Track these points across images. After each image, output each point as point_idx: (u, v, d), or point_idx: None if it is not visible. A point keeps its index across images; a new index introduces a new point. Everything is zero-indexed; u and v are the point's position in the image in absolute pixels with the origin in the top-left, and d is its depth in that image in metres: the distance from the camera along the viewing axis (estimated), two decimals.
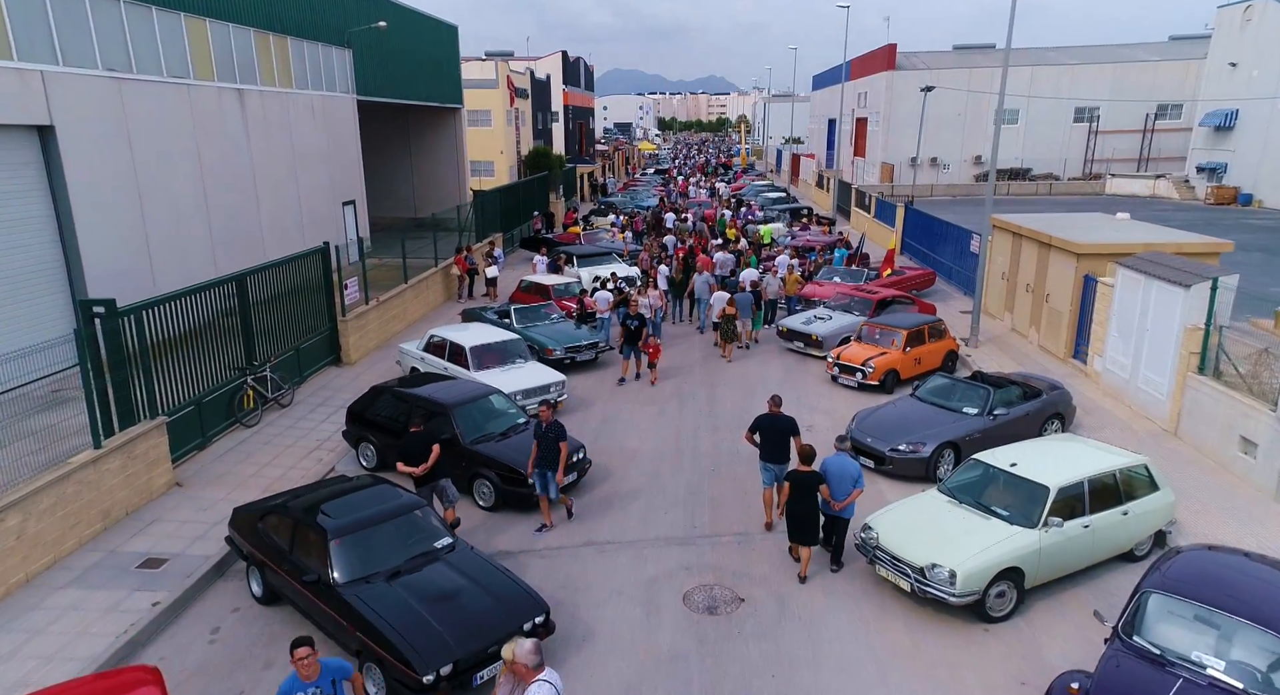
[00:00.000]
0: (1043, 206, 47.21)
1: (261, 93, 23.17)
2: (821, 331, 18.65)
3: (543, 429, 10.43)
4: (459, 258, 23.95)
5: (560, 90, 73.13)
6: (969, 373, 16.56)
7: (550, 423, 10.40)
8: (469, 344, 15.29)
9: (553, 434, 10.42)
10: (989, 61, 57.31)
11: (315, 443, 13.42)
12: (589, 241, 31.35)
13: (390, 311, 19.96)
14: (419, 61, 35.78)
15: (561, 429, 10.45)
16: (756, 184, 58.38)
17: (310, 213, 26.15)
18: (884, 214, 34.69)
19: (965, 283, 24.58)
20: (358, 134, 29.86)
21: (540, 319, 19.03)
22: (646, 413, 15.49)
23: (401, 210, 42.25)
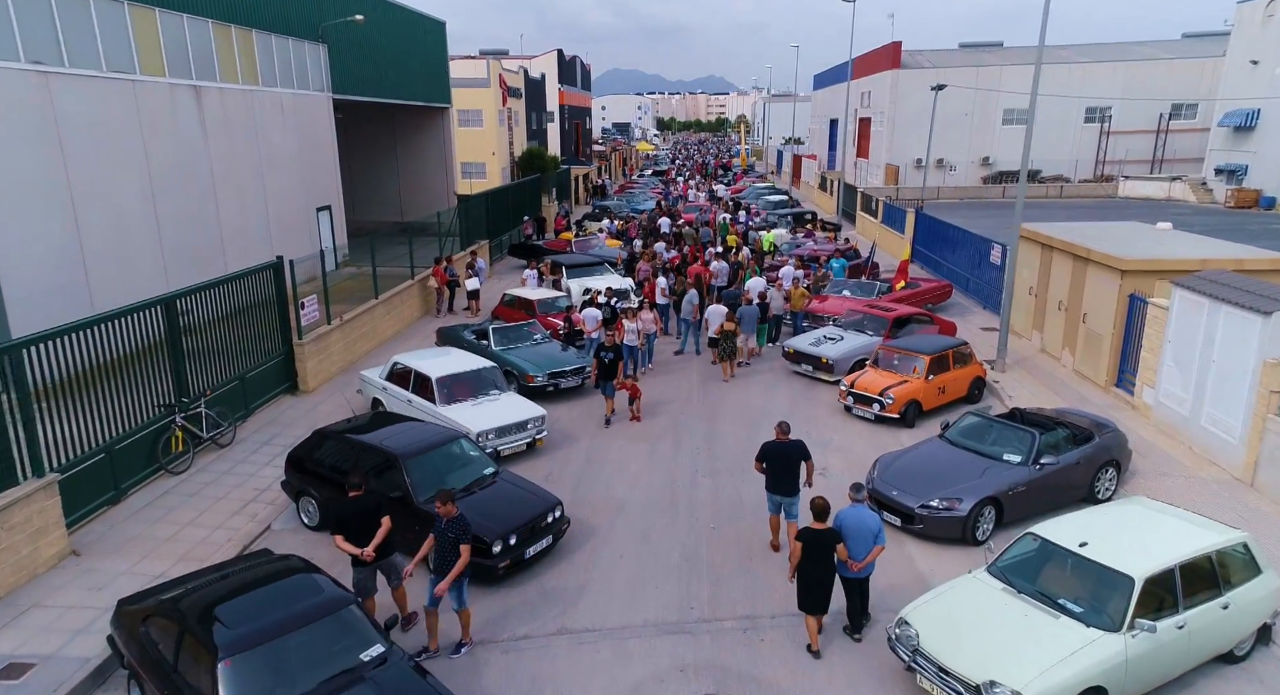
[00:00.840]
0: (1053, 210, 45.48)
1: (222, 90, 21.34)
2: (832, 354, 16.84)
3: (441, 526, 8.08)
4: (438, 269, 22.13)
5: (556, 89, 71.38)
6: (1003, 408, 14.80)
7: (452, 518, 8.06)
8: (435, 374, 13.46)
9: (452, 533, 8.02)
10: (996, 60, 55.59)
11: (253, 492, 11.60)
12: (581, 249, 29.52)
13: (357, 331, 18.14)
14: (403, 58, 33.97)
15: (465, 528, 8.10)
16: (757, 186, 56.55)
17: (279, 219, 24.33)
18: (892, 219, 32.89)
19: (984, 295, 22.80)
20: (334, 134, 28.05)
21: (522, 339, 17.21)
22: (637, 452, 13.67)
23: (388, 214, 40.49)
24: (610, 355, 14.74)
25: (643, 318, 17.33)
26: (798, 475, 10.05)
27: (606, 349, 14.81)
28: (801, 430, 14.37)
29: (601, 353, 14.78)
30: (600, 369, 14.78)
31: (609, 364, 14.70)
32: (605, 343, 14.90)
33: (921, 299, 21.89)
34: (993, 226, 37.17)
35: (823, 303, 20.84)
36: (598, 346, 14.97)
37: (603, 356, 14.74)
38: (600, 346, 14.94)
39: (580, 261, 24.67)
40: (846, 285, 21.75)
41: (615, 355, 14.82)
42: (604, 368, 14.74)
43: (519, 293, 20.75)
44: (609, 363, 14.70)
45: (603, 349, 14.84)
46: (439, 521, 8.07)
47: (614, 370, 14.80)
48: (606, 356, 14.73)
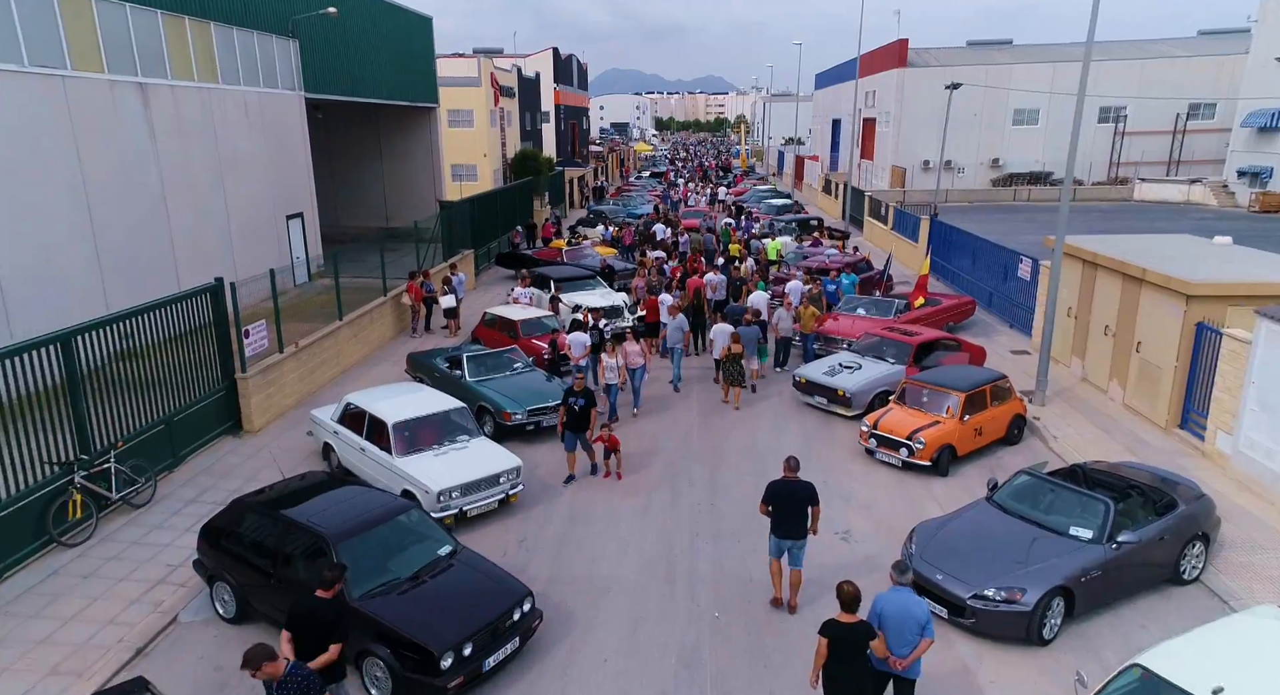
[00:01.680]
0: (1070, 215, 43.52)
1: (174, 88, 19.39)
2: (849, 385, 14.90)
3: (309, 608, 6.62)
4: (412, 284, 20.18)
5: (551, 89, 69.45)
6: (1048, 453, 12.85)
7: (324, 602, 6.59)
8: (392, 419, 11.50)
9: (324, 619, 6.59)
10: (1007, 58, 53.69)
11: (163, 569, 9.65)
12: (572, 258, 27.57)
13: (317, 357, 16.18)
14: (385, 55, 32.02)
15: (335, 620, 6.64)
16: (759, 189, 54.63)
17: (243, 229, 22.38)
18: (904, 226, 30.96)
19: (1009, 312, 20.88)
20: (306, 136, 26.10)
21: (500, 369, 15.27)
22: (628, 507, 11.73)
23: (372, 219, 38.68)
24: (581, 401, 12.21)
25: (627, 350, 15.04)
26: (807, 517, 8.99)
27: (576, 394, 12.28)
28: (817, 478, 12.39)
29: (570, 398, 12.27)
30: (569, 417, 12.27)
31: (579, 412, 12.23)
32: (575, 387, 12.34)
33: (943, 317, 19.97)
34: (1007, 233, 35.25)
35: (836, 323, 18.89)
36: (566, 391, 12.43)
37: (572, 403, 12.24)
38: (569, 391, 12.41)
39: (569, 275, 22.70)
40: (861, 303, 19.80)
41: (587, 402, 12.26)
42: (573, 416, 12.24)
43: (500, 312, 18.80)
44: (579, 411, 12.23)
45: (571, 394, 12.31)
46: None
47: (585, 420, 12.26)
48: (576, 403, 12.22)
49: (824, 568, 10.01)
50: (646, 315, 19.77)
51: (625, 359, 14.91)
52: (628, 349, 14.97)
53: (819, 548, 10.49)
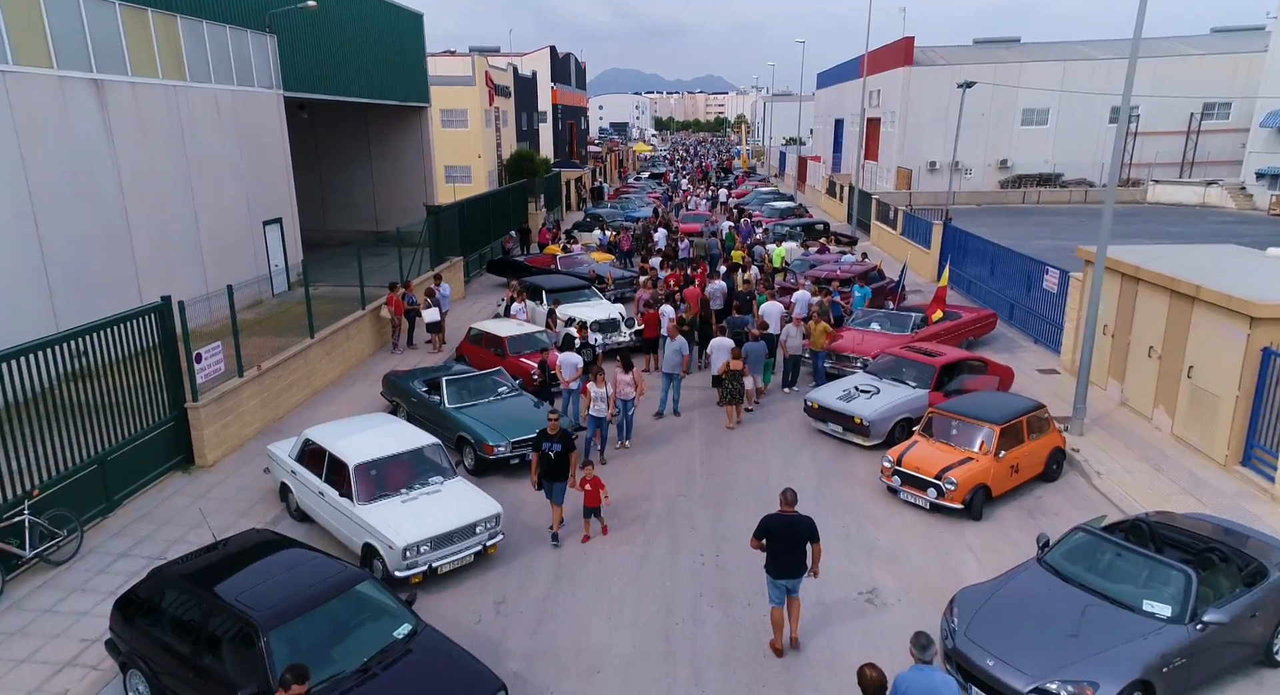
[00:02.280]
0: (1080, 217, 42.21)
1: (135, 86, 17.99)
2: (867, 413, 13.50)
3: None
4: (392, 297, 18.77)
5: (548, 88, 68.11)
6: (1103, 505, 11.41)
7: None
8: (353, 459, 10.10)
9: None
10: (1015, 56, 52.32)
11: (75, 647, 8.25)
12: (567, 266, 26.17)
13: (284, 380, 14.77)
14: (372, 52, 30.63)
15: None
16: (761, 191, 53.22)
17: (214, 237, 20.97)
18: (914, 231, 29.57)
19: (1031, 325, 19.49)
20: (285, 137, 24.70)
21: (484, 393, 13.87)
22: (621, 562, 10.34)
23: (362, 222, 37.36)
24: (557, 447, 10.38)
25: (618, 379, 13.42)
26: (806, 554, 8.26)
27: (551, 438, 10.42)
28: (834, 523, 11.10)
29: (545, 444, 10.41)
30: (543, 467, 10.49)
31: (556, 459, 10.45)
32: (549, 429, 10.52)
33: (963, 332, 18.58)
34: (1021, 238, 33.89)
35: (848, 339, 17.48)
36: (539, 434, 10.59)
37: (546, 449, 10.39)
38: (542, 434, 10.52)
39: (562, 285, 21.30)
40: (875, 317, 18.39)
41: (564, 447, 10.45)
42: (548, 465, 10.45)
43: (487, 327, 17.41)
44: (556, 458, 10.44)
45: (545, 438, 10.45)
46: None
47: (563, 468, 10.51)
48: (551, 449, 10.38)
49: (848, 637, 8.64)
50: (645, 330, 18.41)
51: (614, 389, 13.32)
52: (618, 378, 13.33)
53: (842, 612, 9.12)
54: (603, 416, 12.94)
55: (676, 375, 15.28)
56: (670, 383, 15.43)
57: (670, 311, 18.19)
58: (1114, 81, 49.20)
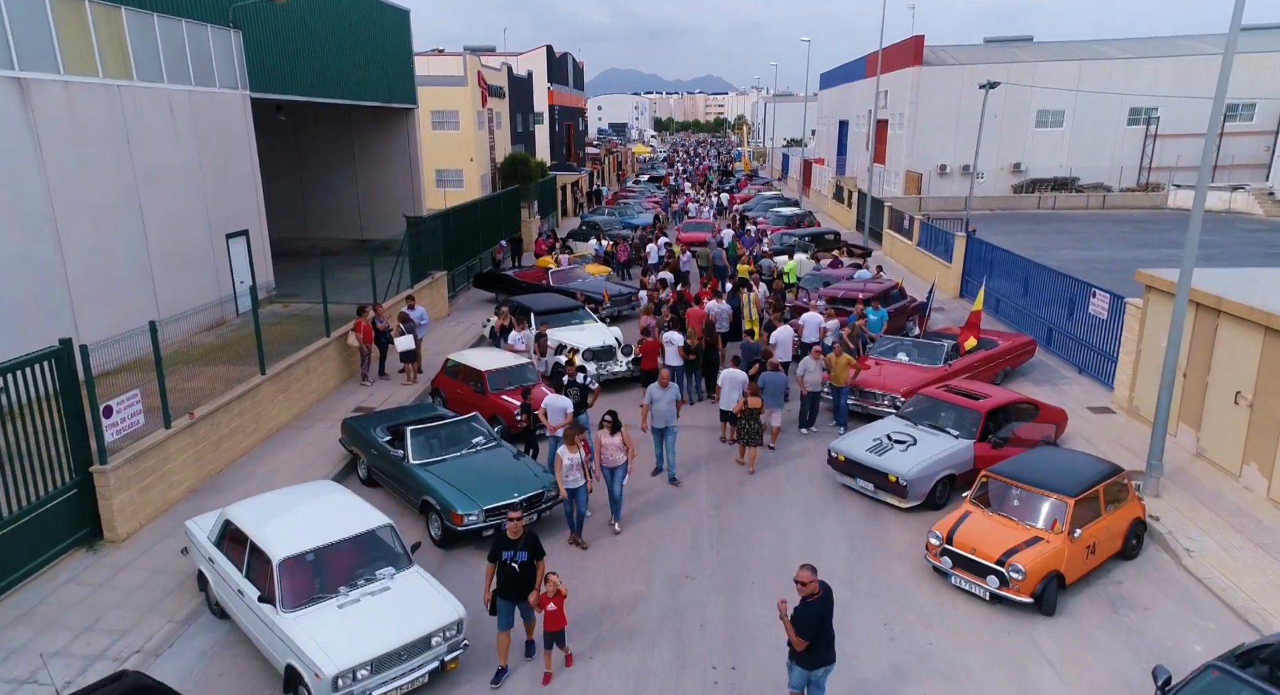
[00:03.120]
0: (1100, 223, 40.26)
1: (69, 85, 15.98)
2: (904, 469, 11.49)
3: None
4: (361, 322, 16.75)
5: (544, 88, 66.11)
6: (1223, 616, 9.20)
7: None
8: (279, 553, 8.06)
9: None
10: (1029, 56, 50.36)
11: None
12: (560, 281, 24.16)
13: (225, 426, 12.75)
14: (353, 51, 28.63)
15: None
16: (765, 195, 51.21)
17: (168, 254, 18.96)
18: (932, 242, 27.56)
19: (1074, 353, 17.48)
20: (252, 141, 22.69)
21: (455, 445, 11.86)
22: (614, 673, 8.31)
23: (346, 230, 35.45)
24: (522, 555, 7.90)
25: (603, 442, 10.95)
26: (831, 637, 7.08)
27: (512, 544, 7.91)
28: (873, 616, 9.12)
29: (503, 551, 7.91)
30: (502, 581, 7.97)
31: (521, 572, 7.93)
32: (509, 532, 7.97)
33: (1000, 362, 16.59)
34: (1041, 248, 31.96)
35: (873, 372, 15.47)
36: (496, 539, 8.05)
37: (507, 559, 7.88)
38: (501, 538, 8.00)
39: (551, 305, 19.27)
40: (902, 346, 16.38)
41: (530, 554, 7.96)
42: (509, 579, 7.93)
43: (465, 359, 15.39)
44: (521, 570, 7.93)
45: (505, 545, 7.92)
46: None
47: (525, 583, 7.96)
48: (515, 559, 7.87)
49: None
50: (643, 360, 16.43)
51: (599, 454, 11.03)
52: (603, 440, 10.97)
53: None
54: (579, 487, 10.61)
55: (673, 428, 12.75)
56: (662, 440, 12.84)
57: (678, 339, 16.21)
58: (1132, 81, 47.30)
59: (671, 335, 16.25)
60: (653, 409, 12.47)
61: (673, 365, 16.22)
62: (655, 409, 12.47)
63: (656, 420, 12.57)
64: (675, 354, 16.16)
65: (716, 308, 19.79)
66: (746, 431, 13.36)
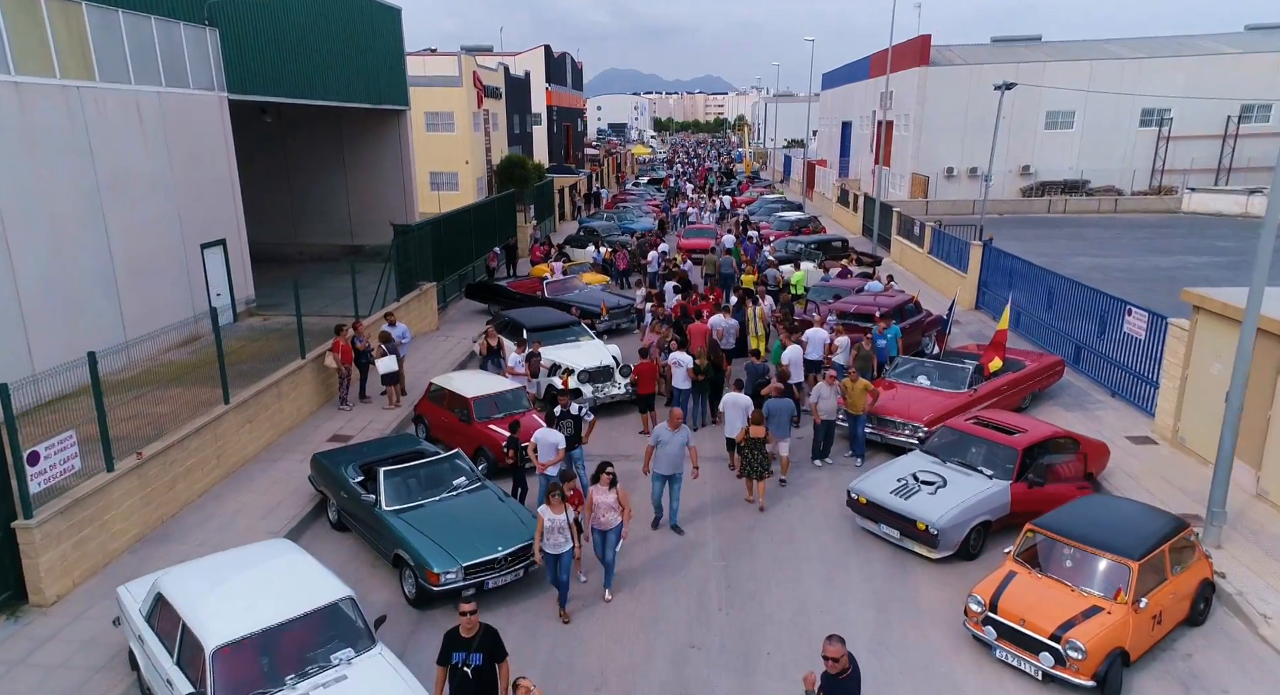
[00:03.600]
0: (1113, 228, 39.06)
1: (19, 86, 14.76)
2: (935, 516, 10.27)
3: None
4: (339, 341, 15.52)
5: (542, 89, 64.95)
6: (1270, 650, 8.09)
7: None
8: (213, 640, 6.82)
9: None
10: (1039, 55, 49.18)
11: None
12: (556, 292, 22.95)
13: (182, 463, 11.53)
14: (341, 50, 27.43)
15: None
16: (767, 198, 50.00)
17: (135, 266, 17.75)
18: (945, 250, 26.34)
19: (1105, 373, 16.25)
20: (229, 145, 21.47)
21: (435, 486, 10.67)
22: None
23: (336, 236, 34.29)
24: (477, 659, 6.52)
25: (595, 501, 9.42)
26: None
27: (462, 642, 6.57)
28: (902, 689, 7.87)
29: (454, 652, 6.56)
30: (454, 687, 6.60)
31: (475, 678, 6.53)
32: (461, 630, 6.59)
33: (1028, 386, 15.37)
34: (1056, 255, 30.71)
35: (890, 396, 14.25)
36: (448, 637, 6.66)
37: (458, 662, 6.53)
38: (451, 637, 6.63)
39: (545, 321, 18.04)
40: (922, 368, 15.15)
41: (488, 657, 6.57)
42: (459, 687, 6.57)
43: (450, 384, 14.17)
44: (475, 677, 6.53)
45: (457, 643, 6.58)
46: None
47: (485, 685, 6.60)
48: (466, 662, 6.52)
49: None
50: (639, 384, 15.23)
51: (591, 515, 9.57)
52: (595, 499, 9.49)
53: None
54: (562, 553, 9.12)
55: (679, 477, 11.26)
56: (663, 487, 11.25)
57: (686, 360, 14.99)
58: (1144, 82, 46.09)
59: (679, 356, 15.04)
60: (658, 452, 11.04)
61: (680, 388, 15.07)
62: (662, 452, 10.99)
63: (662, 466, 11.04)
64: (684, 377, 14.97)
65: (723, 323, 18.63)
66: (751, 463, 12.21)
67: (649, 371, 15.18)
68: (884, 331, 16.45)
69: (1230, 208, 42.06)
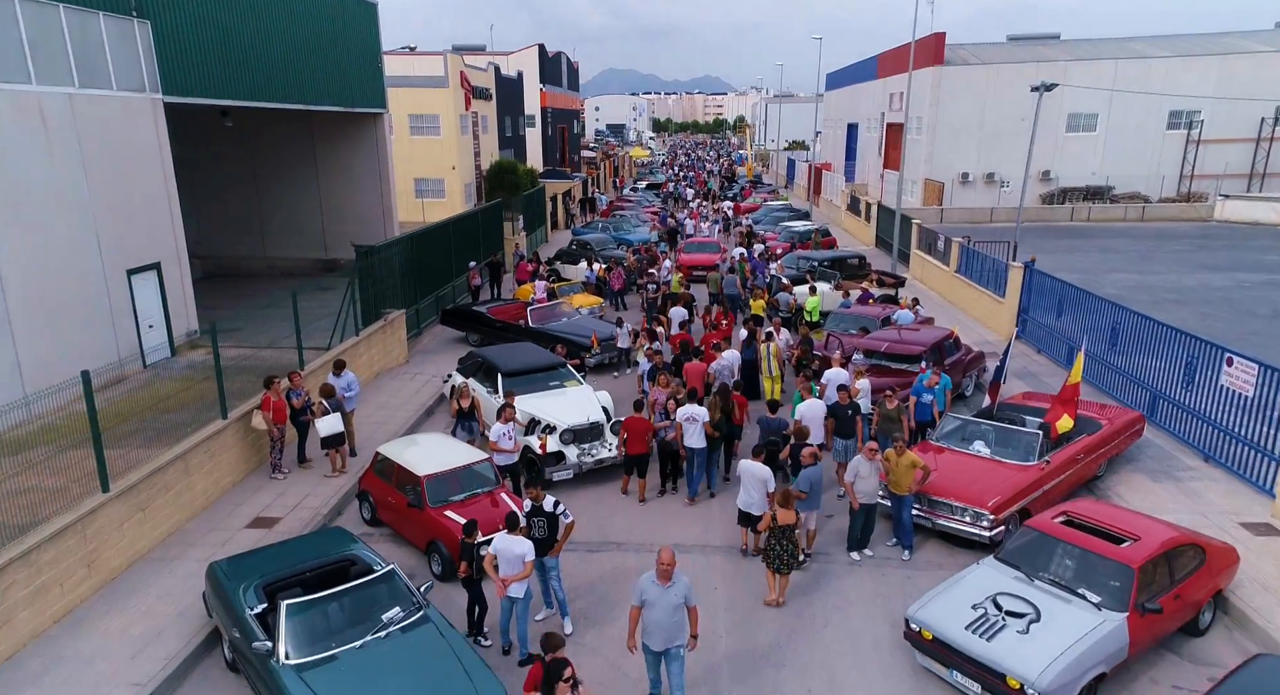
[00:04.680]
0: (1144, 239, 36.37)
1: None
2: (1034, 671, 7.52)
3: None
4: (268, 396, 12.75)
5: (536, 90, 62.28)
6: None
7: None
8: None
9: None
10: (1061, 54, 46.50)
11: None
12: (541, 320, 20.24)
13: (27, 584, 8.77)
14: (308, 48, 24.72)
15: None
16: (772, 205, 47.21)
17: (36, 300, 15.01)
18: (975, 270, 23.61)
19: (1191, 429, 13.48)
20: (166, 155, 18.74)
21: (359, 625, 7.94)
22: None
23: (308, 249, 31.68)
24: None
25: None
26: None
27: None
28: None
29: None
30: None
31: None
32: None
33: (1105, 451, 12.64)
34: (1089, 271, 27.90)
35: (943, 467, 11.52)
36: None
37: None
38: None
39: (523, 365, 15.27)
40: (978, 432, 12.40)
41: None
42: None
43: (398, 455, 11.45)
44: None
45: None
46: None
47: None
48: None
49: None
50: (628, 442, 12.57)
51: None
52: None
53: None
54: None
55: (676, 651, 7.66)
56: (660, 665, 7.86)
57: (701, 414, 12.31)
58: (1171, 82, 43.43)
59: (693, 410, 12.34)
60: (646, 616, 7.67)
61: (694, 447, 12.41)
62: (650, 619, 7.64)
63: (654, 639, 7.68)
64: (700, 434, 12.31)
65: (727, 358, 16.02)
66: (776, 556, 9.59)
67: (639, 429, 12.50)
68: (934, 385, 13.64)
69: (1267, 216, 39.39)
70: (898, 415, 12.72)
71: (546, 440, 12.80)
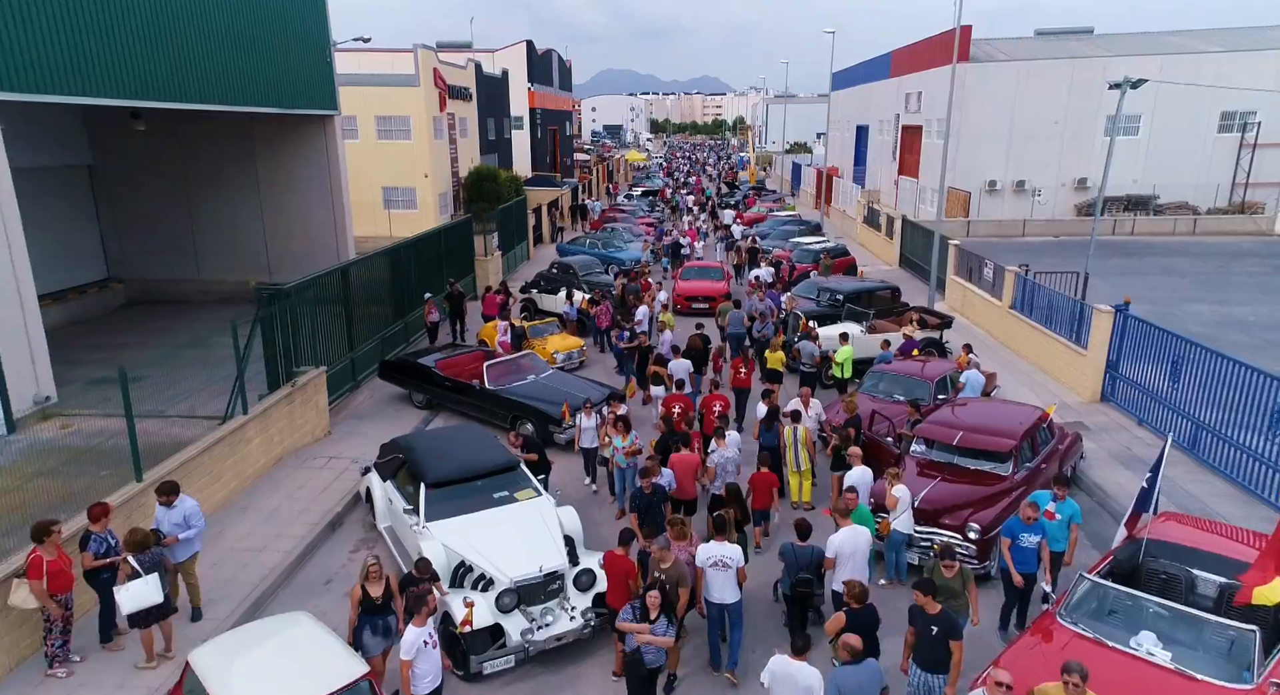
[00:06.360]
0: (1201, 256, 32.03)
1: None
2: None
3: None
4: (38, 555, 8.22)
5: (524, 89, 57.89)
6: None
7: None
8: None
9: None
10: (1094, 50, 42.18)
11: None
12: (502, 379, 15.87)
13: None
14: (231, 39, 20.28)
15: None
16: (778, 216, 42.71)
17: None
18: (1039, 308, 19.21)
19: None
20: (4, 171, 14.34)
21: None
22: None
23: (251, 270, 27.48)
24: None
25: None
26: None
27: None
28: None
29: None
30: None
31: None
32: None
33: None
34: (1155, 299, 23.14)
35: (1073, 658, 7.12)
36: None
37: None
38: None
39: (460, 468, 10.77)
40: (1138, 611, 7.99)
41: None
42: None
43: (214, 678, 7.01)
44: None
45: None
46: None
47: None
48: None
49: None
50: (609, 592, 8.28)
51: None
52: None
53: None
54: None
55: None
56: None
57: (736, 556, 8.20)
58: (1224, 79, 39.11)
59: (721, 550, 8.11)
60: None
61: (724, 603, 8.14)
62: None
63: None
64: (732, 585, 8.15)
65: (723, 456, 11.70)
66: None
67: (619, 573, 8.18)
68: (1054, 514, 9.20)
69: None
70: (962, 588, 8.30)
71: (471, 614, 8.39)
